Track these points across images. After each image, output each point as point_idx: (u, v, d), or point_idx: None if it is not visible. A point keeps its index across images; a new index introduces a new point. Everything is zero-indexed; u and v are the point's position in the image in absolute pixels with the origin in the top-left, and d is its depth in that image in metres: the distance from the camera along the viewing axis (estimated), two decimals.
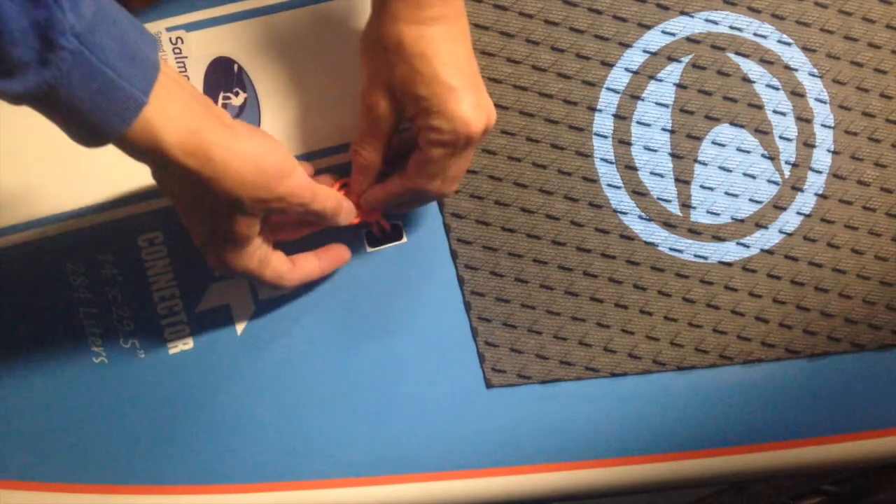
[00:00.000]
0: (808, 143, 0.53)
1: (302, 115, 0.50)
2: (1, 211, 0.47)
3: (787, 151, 0.53)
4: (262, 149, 0.39)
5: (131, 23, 0.36)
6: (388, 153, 0.46)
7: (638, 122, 0.52)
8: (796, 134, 0.53)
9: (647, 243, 0.52)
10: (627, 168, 0.52)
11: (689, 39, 0.52)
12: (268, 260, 0.44)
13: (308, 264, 0.47)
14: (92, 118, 0.34)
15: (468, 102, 0.42)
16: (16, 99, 0.33)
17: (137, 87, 0.35)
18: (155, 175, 0.40)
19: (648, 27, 0.52)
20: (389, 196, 0.46)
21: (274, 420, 0.49)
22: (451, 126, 0.42)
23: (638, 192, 0.52)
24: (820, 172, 0.53)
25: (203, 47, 0.49)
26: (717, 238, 0.53)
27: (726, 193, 0.53)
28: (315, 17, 0.50)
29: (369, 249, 0.50)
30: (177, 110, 0.37)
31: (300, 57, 0.50)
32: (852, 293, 0.53)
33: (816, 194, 0.53)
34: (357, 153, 0.46)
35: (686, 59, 0.52)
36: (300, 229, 0.48)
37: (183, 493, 0.48)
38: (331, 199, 0.44)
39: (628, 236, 0.52)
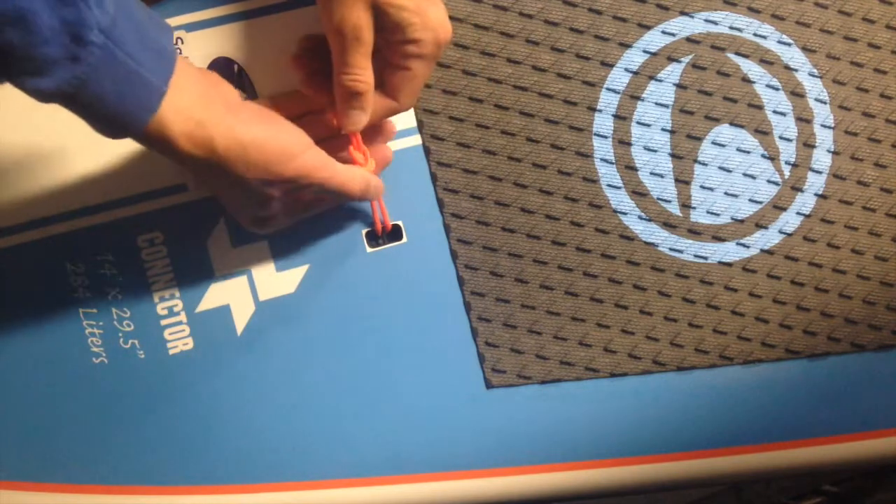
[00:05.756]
0: (808, 144, 0.53)
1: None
2: (1, 211, 0.47)
3: (787, 152, 0.53)
4: (266, 133, 0.40)
5: (147, 13, 0.37)
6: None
7: (638, 123, 0.52)
8: (796, 134, 0.53)
9: (647, 243, 0.52)
10: (627, 168, 0.52)
11: (689, 40, 0.52)
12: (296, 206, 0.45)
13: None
14: (118, 110, 0.35)
15: (442, 10, 0.43)
16: (47, 97, 0.34)
17: (158, 76, 0.36)
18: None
19: (648, 27, 0.52)
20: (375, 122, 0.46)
21: (274, 420, 0.49)
22: (433, 35, 0.42)
23: (638, 193, 0.52)
24: (820, 173, 0.53)
25: (203, 47, 0.49)
26: (717, 238, 0.53)
27: (726, 194, 0.53)
28: (315, 17, 0.50)
29: (369, 249, 0.50)
30: (185, 101, 0.37)
31: None
32: (852, 293, 0.53)
33: (816, 195, 0.53)
34: (356, 81, 0.43)
35: (686, 60, 0.52)
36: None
37: (183, 493, 0.48)
38: (355, 179, 0.44)
39: (628, 236, 0.52)
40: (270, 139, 0.40)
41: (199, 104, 0.38)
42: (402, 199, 0.50)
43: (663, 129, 0.52)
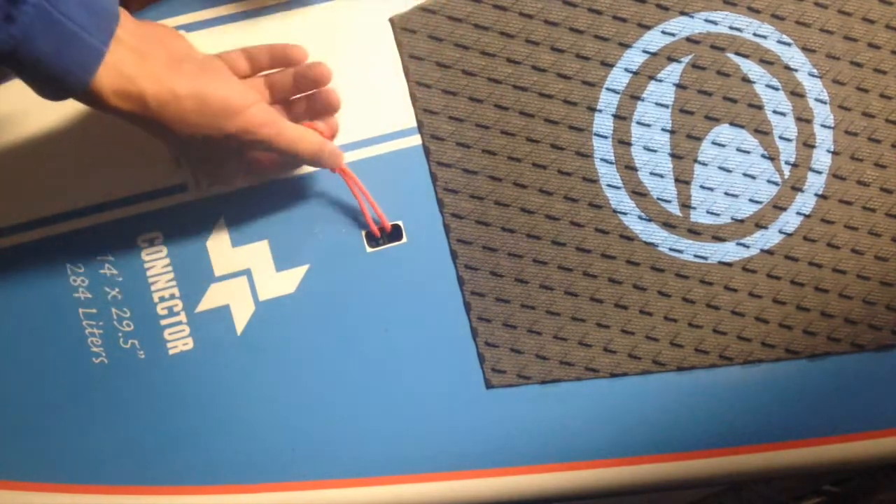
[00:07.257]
0: (807, 144, 0.53)
1: None
2: (1, 211, 0.47)
3: (787, 152, 0.53)
4: (206, 87, 0.39)
5: None
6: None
7: (638, 123, 0.52)
8: (796, 134, 0.53)
9: (646, 244, 0.52)
10: (627, 168, 0.52)
11: (688, 40, 0.52)
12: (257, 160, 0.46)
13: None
14: (57, 71, 0.35)
15: None
16: None
17: (97, 37, 0.36)
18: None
19: (648, 27, 0.52)
20: None
21: (273, 420, 0.49)
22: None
23: (638, 193, 0.52)
24: (820, 173, 0.53)
25: (203, 47, 0.49)
26: (717, 238, 0.53)
27: (726, 194, 0.53)
28: (314, 18, 0.50)
29: (369, 249, 0.51)
30: (117, 58, 0.37)
31: None
32: (852, 293, 0.53)
33: (816, 195, 0.53)
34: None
35: (686, 60, 0.52)
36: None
37: (183, 493, 0.48)
38: (306, 139, 0.44)
39: (628, 236, 0.52)
40: (210, 93, 0.39)
41: (132, 59, 0.37)
42: (402, 199, 0.50)
43: (663, 129, 0.52)
